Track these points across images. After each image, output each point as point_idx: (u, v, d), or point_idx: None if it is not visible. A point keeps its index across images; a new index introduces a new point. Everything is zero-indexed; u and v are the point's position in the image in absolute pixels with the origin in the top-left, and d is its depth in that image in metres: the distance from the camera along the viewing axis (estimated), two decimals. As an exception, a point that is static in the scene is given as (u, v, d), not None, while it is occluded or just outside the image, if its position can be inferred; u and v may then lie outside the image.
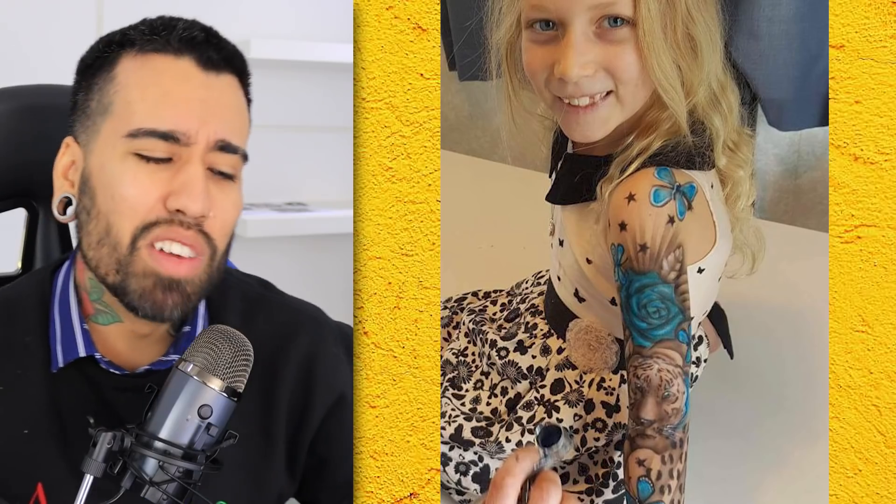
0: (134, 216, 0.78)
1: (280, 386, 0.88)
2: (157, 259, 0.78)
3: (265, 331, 0.88)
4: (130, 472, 0.76)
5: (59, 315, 0.84)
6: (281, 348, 0.89)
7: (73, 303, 0.84)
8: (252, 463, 0.88)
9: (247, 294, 0.91)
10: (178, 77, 0.79)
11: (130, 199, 0.78)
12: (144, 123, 0.78)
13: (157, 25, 0.81)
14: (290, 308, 0.93)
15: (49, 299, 0.85)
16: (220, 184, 0.81)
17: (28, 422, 0.82)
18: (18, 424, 0.82)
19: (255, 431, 0.87)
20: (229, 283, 0.88)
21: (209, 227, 0.80)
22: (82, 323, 0.83)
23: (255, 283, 0.93)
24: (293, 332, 0.90)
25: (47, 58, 1.54)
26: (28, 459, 0.81)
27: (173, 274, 0.79)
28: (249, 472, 0.88)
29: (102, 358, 0.83)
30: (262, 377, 0.86)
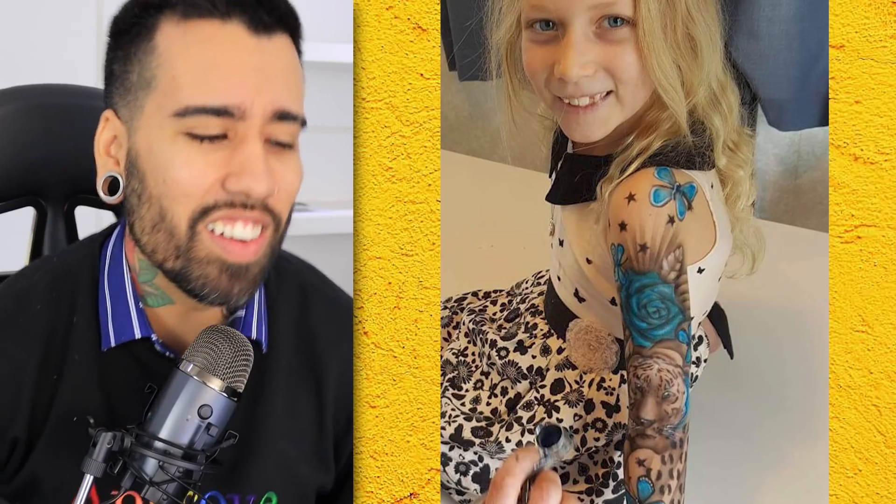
0: (189, 200, 0.72)
1: (329, 384, 0.88)
2: (221, 244, 0.74)
3: (317, 323, 0.87)
4: (130, 472, 0.76)
5: (111, 294, 0.79)
6: (330, 342, 0.88)
7: (127, 281, 0.79)
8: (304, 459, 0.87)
9: (304, 284, 0.88)
10: (226, 44, 0.72)
11: (184, 182, 0.72)
12: (193, 100, 0.71)
13: None
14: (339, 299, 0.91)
15: (98, 276, 0.80)
16: (280, 155, 0.75)
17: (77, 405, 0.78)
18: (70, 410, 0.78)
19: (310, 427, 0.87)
20: (289, 270, 0.86)
21: (273, 202, 0.75)
22: (137, 303, 0.79)
23: (308, 272, 0.90)
24: (342, 327, 0.89)
25: (48, 58, 1.54)
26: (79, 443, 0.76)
27: (240, 260, 0.75)
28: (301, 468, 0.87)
29: (158, 340, 0.80)
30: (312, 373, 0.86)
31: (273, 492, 0.84)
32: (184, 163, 0.72)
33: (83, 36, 1.57)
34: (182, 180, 0.72)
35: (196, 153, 0.72)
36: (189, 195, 0.72)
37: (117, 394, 0.80)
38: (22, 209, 1.08)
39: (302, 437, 0.86)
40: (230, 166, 0.72)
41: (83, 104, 1.06)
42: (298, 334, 0.86)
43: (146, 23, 0.73)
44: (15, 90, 1.07)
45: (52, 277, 0.81)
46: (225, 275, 0.74)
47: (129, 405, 0.77)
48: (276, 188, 0.74)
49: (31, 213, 1.10)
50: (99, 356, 0.80)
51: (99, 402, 0.80)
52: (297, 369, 0.86)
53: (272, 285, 0.85)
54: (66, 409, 0.78)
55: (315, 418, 0.88)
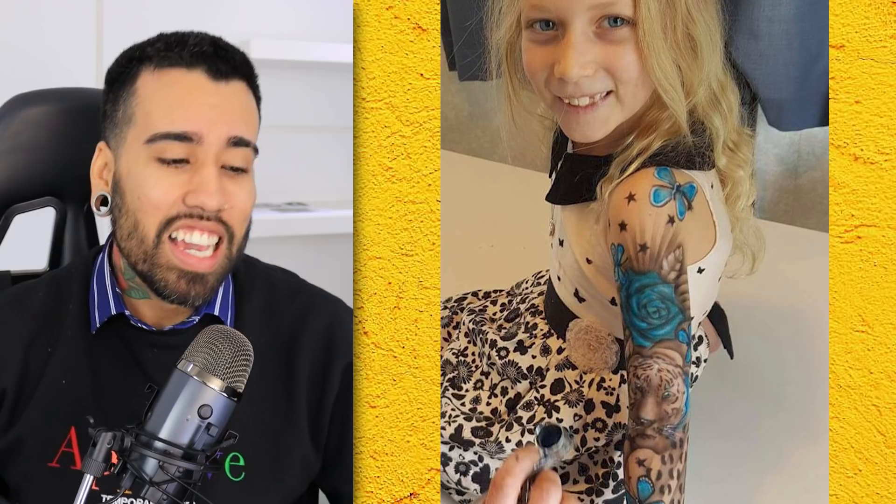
0: (157, 213, 0.88)
1: (300, 354, 0.96)
2: (179, 256, 0.89)
3: (286, 305, 0.98)
4: (130, 472, 0.77)
5: (97, 286, 0.95)
6: (301, 319, 0.97)
7: (108, 275, 0.94)
8: (274, 426, 0.94)
9: (272, 278, 1.00)
10: (190, 87, 0.89)
11: (154, 199, 0.88)
12: (160, 128, 0.88)
13: (171, 41, 0.90)
14: (312, 289, 1.01)
15: (90, 275, 0.96)
16: (235, 178, 0.90)
17: (68, 374, 0.93)
18: (60, 376, 0.93)
19: (277, 395, 0.95)
20: (257, 268, 1.00)
21: (226, 217, 0.89)
22: (114, 288, 0.94)
23: (281, 271, 1.03)
24: (312, 305, 0.99)
25: (47, 58, 1.55)
26: (65, 407, 0.92)
27: (196, 269, 0.89)
28: (271, 435, 0.94)
29: (132, 315, 0.94)
30: (283, 346, 0.96)
31: (239, 452, 0.92)
32: (154, 183, 0.88)
33: (78, 37, 1.57)
34: (152, 197, 0.88)
35: (164, 175, 0.88)
36: (158, 209, 0.88)
37: (104, 367, 0.93)
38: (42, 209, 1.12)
39: (270, 405, 0.94)
40: (190, 185, 0.87)
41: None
42: (265, 316, 0.97)
43: (130, 72, 0.91)
44: (35, 94, 1.11)
45: (54, 276, 0.98)
46: (182, 280, 0.89)
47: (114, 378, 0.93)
48: (228, 205, 0.89)
49: (52, 214, 1.13)
50: (89, 337, 0.94)
51: (87, 372, 0.93)
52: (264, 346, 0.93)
53: (241, 277, 0.98)
54: (57, 375, 0.93)
55: (284, 389, 0.95)
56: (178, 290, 0.89)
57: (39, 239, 1.14)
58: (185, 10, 1.64)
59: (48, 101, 1.11)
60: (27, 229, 1.12)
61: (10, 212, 1.09)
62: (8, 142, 1.08)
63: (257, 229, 1.59)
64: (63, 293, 0.96)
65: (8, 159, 1.08)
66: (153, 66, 0.90)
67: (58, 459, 0.91)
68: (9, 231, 1.10)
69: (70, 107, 1.11)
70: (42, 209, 1.12)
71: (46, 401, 0.92)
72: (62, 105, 1.11)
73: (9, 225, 1.10)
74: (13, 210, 1.10)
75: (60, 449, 0.91)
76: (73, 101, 1.12)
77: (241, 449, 0.92)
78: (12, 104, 1.10)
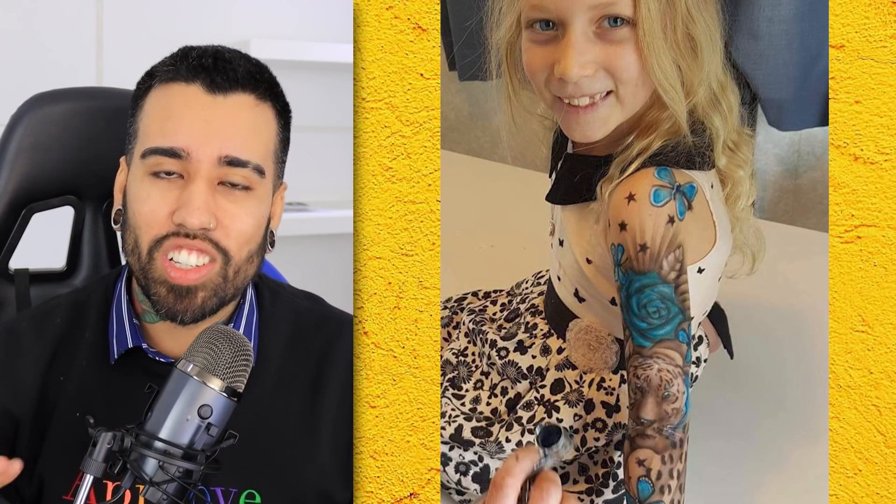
0: (149, 230, 0.86)
1: (326, 390, 0.93)
2: (167, 269, 0.86)
3: (312, 338, 0.95)
4: (130, 472, 0.77)
5: (116, 314, 0.92)
6: (327, 354, 0.95)
7: (125, 302, 0.92)
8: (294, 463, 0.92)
9: (297, 307, 0.98)
10: (185, 101, 0.87)
11: (145, 214, 0.86)
12: (152, 143, 0.86)
13: (176, 56, 0.89)
14: (336, 317, 0.99)
15: (110, 301, 0.94)
16: (232, 195, 0.87)
17: (83, 406, 0.89)
18: (74, 408, 0.90)
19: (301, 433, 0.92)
20: (283, 297, 0.97)
21: (218, 236, 0.86)
22: (132, 318, 0.92)
23: (305, 298, 1.00)
24: (337, 338, 0.96)
25: (47, 58, 1.55)
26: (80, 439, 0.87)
27: (182, 282, 0.86)
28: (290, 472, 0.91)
29: (149, 348, 0.91)
30: (307, 381, 0.93)
31: (255, 489, 0.90)
32: (145, 198, 0.87)
33: (83, 38, 1.57)
34: (143, 213, 0.87)
35: (155, 190, 0.86)
36: (149, 225, 0.86)
37: (121, 398, 0.89)
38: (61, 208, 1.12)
39: (292, 441, 0.92)
40: (179, 202, 0.85)
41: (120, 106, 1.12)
42: (290, 348, 0.95)
43: (144, 88, 0.90)
44: (54, 93, 1.12)
45: (73, 300, 0.96)
46: (171, 294, 0.87)
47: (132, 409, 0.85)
48: (217, 224, 0.86)
49: (70, 213, 1.13)
50: (107, 367, 0.91)
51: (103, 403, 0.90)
52: (289, 380, 0.93)
53: (266, 305, 0.96)
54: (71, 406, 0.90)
55: (308, 426, 0.93)
56: (167, 304, 0.86)
57: (58, 237, 1.15)
58: (186, 10, 1.64)
59: (67, 100, 1.11)
60: (46, 228, 1.12)
61: (29, 210, 1.10)
62: (27, 140, 1.09)
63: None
64: (81, 319, 0.94)
65: (27, 158, 1.09)
66: (159, 82, 0.89)
67: (72, 492, 0.88)
68: (28, 229, 1.11)
69: (89, 106, 1.11)
70: (61, 208, 1.12)
71: (60, 433, 0.90)
72: (81, 104, 1.11)
73: (27, 223, 1.10)
74: (32, 208, 1.10)
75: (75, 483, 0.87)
76: (92, 100, 1.13)
77: (258, 486, 0.90)
78: (31, 103, 1.10)
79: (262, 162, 0.88)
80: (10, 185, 1.09)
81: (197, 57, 0.88)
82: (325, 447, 0.92)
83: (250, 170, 0.87)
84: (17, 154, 1.09)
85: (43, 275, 1.12)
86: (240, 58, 0.90)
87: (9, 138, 1.09)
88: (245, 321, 0.93)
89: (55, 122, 1.09)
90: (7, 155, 1.09)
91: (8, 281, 1.10)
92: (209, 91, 0.87)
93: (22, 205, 1.09)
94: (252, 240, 0.89)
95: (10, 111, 1.10)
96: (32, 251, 1.13)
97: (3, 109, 1.11)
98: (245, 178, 0.87)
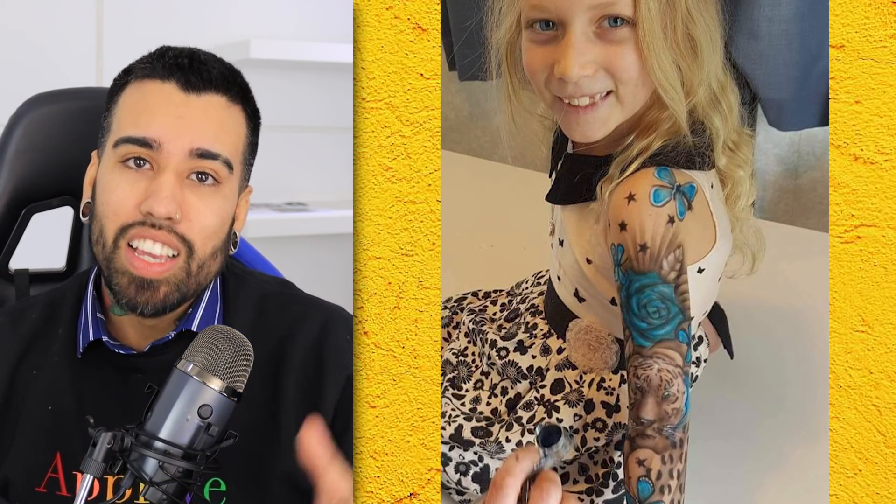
0: (116, 219, 0.87)
1: (288, 372, 0.93)
2: (130, 259, 0.88)
3: (275, 320, 0.95)
4: (130, 472, 0.76)
5: (84, 309, 0.94)
6: (290, 336, 0.94)
7: (91, 297, 0.94)
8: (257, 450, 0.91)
9: (264, 291, 0.98)
10: (160, 97, 0.89)
11: (114, 203, 0.88)
12: (124, 133, 0.88)
13: (153, 55, 0.92)
14: (303, 300, 0.99)
15: (83, 297, 0.95)
16: (200, 190, 0.89)
17: (54, 399, 0.92)
18: (45, 402, 0.92)
19: (263, 418, 0.91)
20: (249, 282, 0.98)
21: (183, 229, 0.88)
22: (95, 312, 0.93)
23: (275, 283, 1.01)
24: (301, 319, 0.95)
25: (47, 58, 1.55)
26: (51, 432, 0.91)
27: (144, 274, 0.88)
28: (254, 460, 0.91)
29: (109, 341, 0.92)
30: (270, 363, 0.92)
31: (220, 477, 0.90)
32: (114, 188, 0.88)
33: (83, 38, 1.57)
34: (112, 202, 0.88)
35: (124, 180, 0.88)
36: (116, 214, 0.87)
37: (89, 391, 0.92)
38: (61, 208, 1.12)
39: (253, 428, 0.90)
40: (147, 192, 0.87)
41: None
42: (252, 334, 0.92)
43: (119, 86, 0.92)
44: (52, 93, 1.12)
45: (49, 298, 0.98)
46: (133, 286, 0.88)
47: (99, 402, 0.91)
48: (183, 215, 0.87)
49: (70, 213, 1.13)
50: (76, 361, 0.93)
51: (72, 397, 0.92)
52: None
53: (231, 293, 0.96)
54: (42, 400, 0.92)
55: (269, 411, 0.92)
56: (128, 296, 0.88)
57: (58, 237, 1.15)
58: (186, 10, 1.64)
59: (65, 100, 1.12)
60: (46, 228, 1.12)
61: (29, 210, 1.10)
62: (26, 141, 1.09)
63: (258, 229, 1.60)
64: (54, 315, 0.95)
65: (26, 158, 1.09)
66: (135, 79, 0.91)
67: (45, 484, 0.91)
68: (27, 230, 1.11)
69: (87, 106, 1.11)
70: (60, 208, 1.12)
71: (33, 426, 0.92)
72: (79, 105, 1.12)
73: (27, 223, 1.10)
74: (31, 209, 1.10)
75: (47, 474, 0.91)
76: (91, 100, 1.12)
77: (223, 474, 0.90)
78: (30, 104, 1.11)
79: (231, 158, 0.90)
80: (10, 186, 1.09)
81: (173, 56, 0.90)
82: (287, 431, 0.91)
83: (220, 163, 0.89)
84: (15, 155, 1.09)
85: (43, 275, 1.12)
86: (214, 60, 0.92)
87: (8, 139, 1.09)
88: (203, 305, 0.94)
89: (54, 123, 1.10)
90: (6, 156, 1.09)
91: (8, 281, 1.11)
92: (183, 89, 0.89)
93: (21, 205, 1.10)
94: (216, 235, 0.90)
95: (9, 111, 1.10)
96: (32, 251, 1.13)
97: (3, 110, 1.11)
98: (215, 171, 0.89)
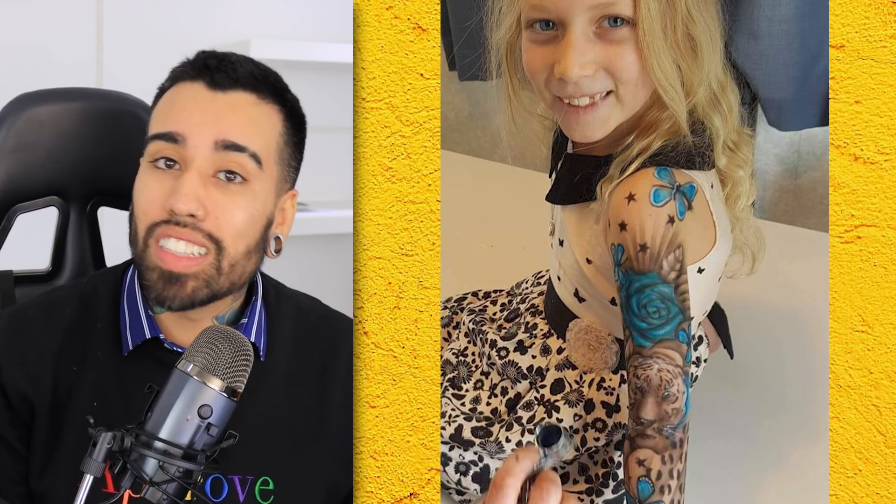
0: (145, 218, 0.88)
1: (334, 379, 0.97)
2: (159, 255, 0.88)
3: (317, 333, 0.98)
4: (130, 472, 0.77)
5: (128, 305, 0.94)
6: (333, 347, 0.98)
7: (139, 293, 0.93)
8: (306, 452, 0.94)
9: (299, 304, 1.01)
10: (187, 95, 0.90)
11: (143, 203, 0.89)
12: (153, 130, 0.90)
13: (189, 59, 0.93)
14: (339, 316, 1.01)
15: (119, 292, 0.95)
16: (226, 188, 0.88)
17: (99, 396, 0.91)
18: (91, 398, 0.91)
19: (312, 422, 0.95)
20: (285, 293, 1.00)
21: (209, 226, 0.88)
22: (147, 310, 0.93)
23: (306, 297, 1.03)
24: (341, 333, 1.00)
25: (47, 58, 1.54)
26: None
27: (172, 268, 0.88)
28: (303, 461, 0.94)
29: (166, 339, 0.93)
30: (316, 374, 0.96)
31: (269, 476, 0.92)
32: (143, 187, 0.89)
33: (83, 38, 1.57)
34: (141, 202, 0.89)
35: (153, 180, 0.88)
36: (146, 214, 0.88)
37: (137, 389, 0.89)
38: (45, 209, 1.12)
39: (300, 431, 0.94)
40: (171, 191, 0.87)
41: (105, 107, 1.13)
42: (295, 343, 0.97)
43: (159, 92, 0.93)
44: (39, 93, 1.11)
45: (80, 292, 0.97)
46: (161, 280, 0.88)
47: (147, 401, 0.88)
48: (206, 213, 0.87)
49: (55, 214, 1.13)
50: (121, 359, 0.92)
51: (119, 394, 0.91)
52: (297, 373, 0.96)
53: (272, 301, 0.98)
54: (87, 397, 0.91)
55: (316, 415, 0.95)
56: (157, 290, 0.88)
57: (42, 239, 1.14)
58: (186, 10, 1.64)
59: (52, 100, 1.11)
60: (30, 229, 1.12)
61: (13, 211, 1.10)
62: (12, 141, 1.08)
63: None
64: (90, 312, 0.95)
65: (11, 158, 1.09)
66: (170, 84, 0.92)
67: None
68: (12, 231, 1.10)
69: (74, 107, 1.11)
70: (45, 209, 1.12)
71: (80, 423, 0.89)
72: (66, 105, 1.11)
73: (12, 224, 1.10)
74: (16, 209, 1.10)
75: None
76: (78, 100, 1.12)
77: (273, 473, 0.92)
78: (17, 103, 1.10)
79: (260, 152, 0.89)
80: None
81: (204, 58, 0.91)
82: (331, 438, 0.95)
83: (247, 156, 0.89)
84: (1, 155, 1.08)
85: (27, 277, 1.12)
86: (245, 61, 0.92)
87: (-6, 139, 1.09)
88: (258, 315, 0.95)
89: (40, 123, 1.09)
90: (-8, 155, 1.08)
91: (-7, 282, 1.10)
92: (210, 87, 0.90)
93: (6, 206, 1.09)
94: (246, 234, 0.90)
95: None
96: (16, 253, 1.12)
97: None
98: (242, 165, 0.88)
